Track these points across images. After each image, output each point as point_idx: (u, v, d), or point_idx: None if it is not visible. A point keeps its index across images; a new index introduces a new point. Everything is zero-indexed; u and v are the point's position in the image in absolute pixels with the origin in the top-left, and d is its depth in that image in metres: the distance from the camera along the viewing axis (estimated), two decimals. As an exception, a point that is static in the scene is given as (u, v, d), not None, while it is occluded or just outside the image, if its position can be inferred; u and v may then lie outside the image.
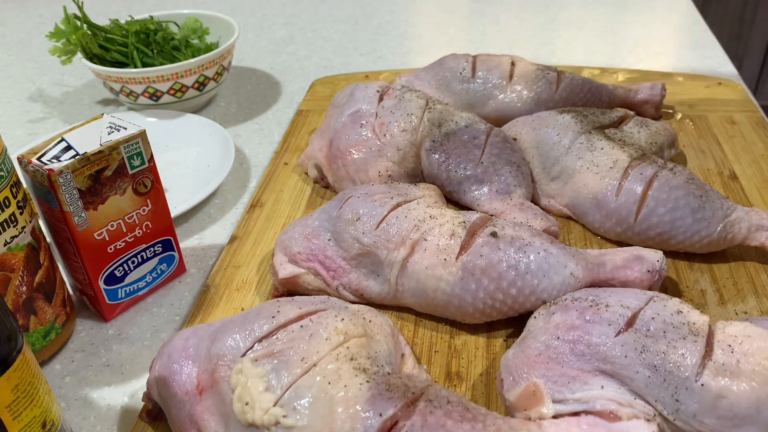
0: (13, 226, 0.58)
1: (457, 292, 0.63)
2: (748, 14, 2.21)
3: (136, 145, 0.65)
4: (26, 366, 0.47)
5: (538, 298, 0.62)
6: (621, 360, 0.51)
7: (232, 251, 0.77)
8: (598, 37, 1.26)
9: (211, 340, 0.55)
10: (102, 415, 0.61)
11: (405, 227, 0.65)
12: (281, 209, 0.83)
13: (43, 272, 0.63)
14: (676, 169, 0.73)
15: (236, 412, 0.50)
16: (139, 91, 0.99)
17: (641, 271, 0.62)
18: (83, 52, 1.02)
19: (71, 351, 0.68)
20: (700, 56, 1.17)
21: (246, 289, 0.72)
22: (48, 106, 1.13)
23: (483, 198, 0.77)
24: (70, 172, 0.60)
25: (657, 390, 0.51)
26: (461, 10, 1.41)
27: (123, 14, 1.16)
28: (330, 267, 0.68)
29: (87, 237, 0.64)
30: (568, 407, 0.52)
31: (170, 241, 0.72)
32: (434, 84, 0.94)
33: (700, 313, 0.54)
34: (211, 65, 1.00)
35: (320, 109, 1.04)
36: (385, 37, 1.32)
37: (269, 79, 1.19)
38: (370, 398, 0.49)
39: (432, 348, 0.64)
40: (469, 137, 0.79)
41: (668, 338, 0.51)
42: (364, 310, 0.59)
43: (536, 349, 0.54)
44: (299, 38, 1.33)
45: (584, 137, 0.78)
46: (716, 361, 0.50)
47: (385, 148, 0.80)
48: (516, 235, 0.64)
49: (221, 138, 0.94)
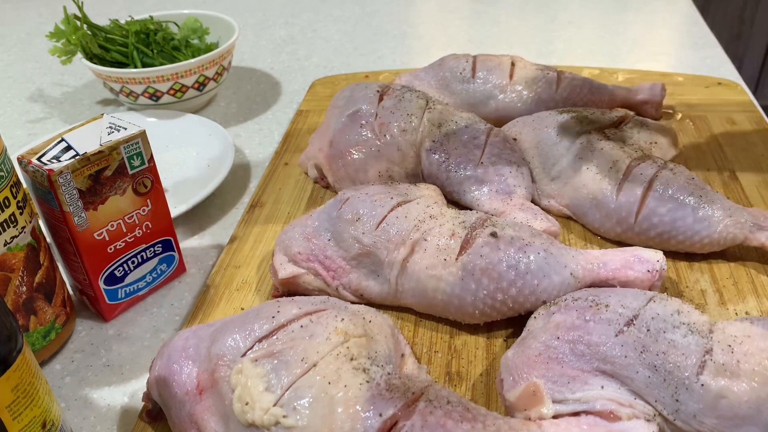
0: (13, 226, 0.58)
1: (457, 292, 0.63)
2: (748, 14, 2.21)
3: (136, 145, 0.65)
4: (26, 366, 0.47)
5: (538, 299, 0.62)
6: (621, 360, 0.51)
7: (232, 251, 0.77)
8: (598, 37, 1.26)
9: (211, 340, 0.55)
10: (102, 415, 0.61)
11: (405, 227, 0.65)
12: (281, 209, 0.83)
13: (43, 272, 0.63)
14: (677, 169, 0.73)
15: (236, 412, 0.50)
16: (139, 91, 0.99)
17: (641, 271, 0.62)
18: (83, 52, 1.02)
19: (71, 351, 0.68)
20: (700, 56, 1.17)
21: (246, 289, 0.72)
22: (48, 106, 1.13)
23: (483, 198, 0.77)
24: (70, 172, 0.60)
25: (657, 390, 0.51)
26: (461, 10, 1.41)
27: (123, 14, 1.16)
28: (330, 267, 0.68)
29: (87, 237, 0.64)
30: (568, 407, 0.52)
31: (170, 241, 0.73)
32: (434, 84, 0.94)
33: (700, 313, 0.54)
34: (211, 65, 1.00)
35: (320, 109, 1.03)
36: (385, 37, 1.32)
37: (269, 79, 1.19)
38: (370, 398, 0.49)
39: (432, 348, 0.64)
40: (469, 137, 0.79)
41: (668, 338, 0.51)
42: (364, 310, 0.59)
43: (536, 349, 0.54)
44: (299, 38, 1.33)
45: (584, 137, 0.78)
46: (716, 361, 0.50)
47: (385, 149, 0.80)
48: (516, 236, 0.64)
49: (221, 138, 0.94)
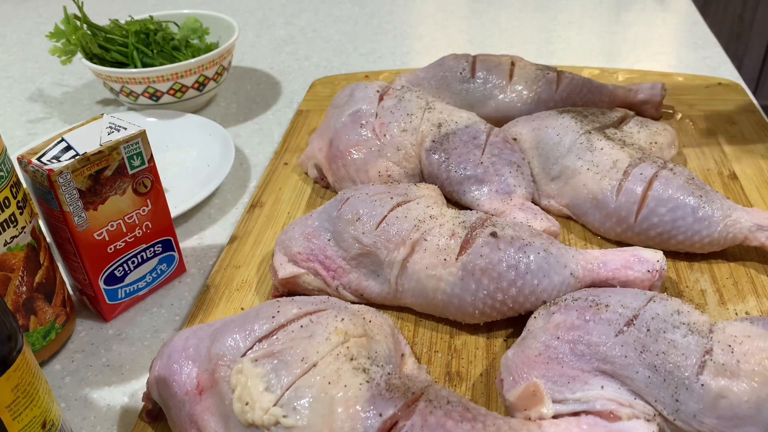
0: (13, 226, 0.58)
1: (457, 292, 0.63)
2: (748, 14, 2.21)
3: (136, 145, 0.65)
4: (26, 366, 0.47)
5: (538, 298, 0.62)
6: (621, 360, 0.51)
7: (232, 251, 0.77)
8: (598, 37, 1.26)
9: (211, 340, 0.55)
10: (102, 415, 0.61)
11: (405, 227, 0.65)
12: (281, 209, 0.83)
13: (43, 272, 0.63)
14: (676, 169, 0.73)
15: (236, 412, 0.50)
16: (139, 91, 0.99)
17: (641, 271, 0.62)
18: (83, 52, 1.02)
19: (71, 351, 0.68)
20: (700, 56, 1.17)
21: (246, 289, 0.72)
22: (48, 106, 1.13)
23: (483, 198, 0.77)
24: (70, 172, 0.60)
25: (657, 390, 0.51)
26: (461, 10, 1.41)
27: (123, 14, 1.16)
28: (330, 267, 0.68)
29: (87, 237, 0.64)
30: (568, 407, 0.52)
31: (170, 241, 0.72)
32: (434, 84, 0.94)
33: (700, 313, 0.54)
34: (211, 65, 1.00)
35: (320, 109, 1.03)
36: (385, 37, 1.32)
37: (269, 79, 1.19)
38: (370, 398, 0.49)
39: (432, 348, 0.64)
40: (469, 137, 0.79)
41: (668, 338, 0.51)
42: (364, 310, 0.59)
43: (536, 349, 0.54)
44: (299, 38, 1.33)
45: (584, 137, 0.78)
46: (716, 361, 0.50)
47: (385, 148, 0.80)
48: (516, 235, 0.64)
49: (221, 138, 0.94)
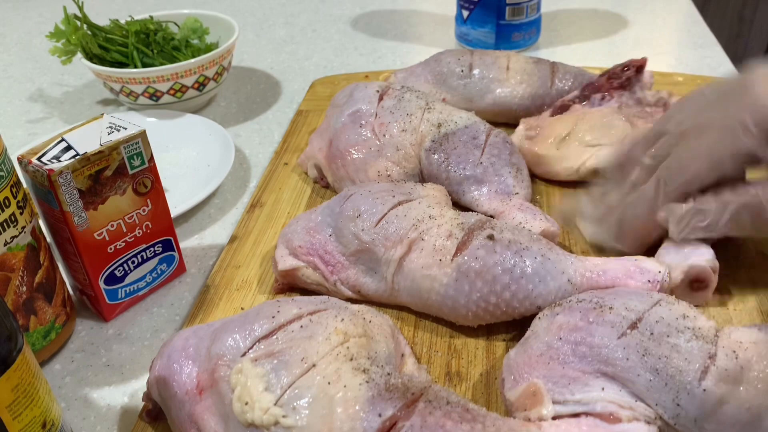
0: (13, 226, 0.58)
1: (450, 293, 0.62)
2: (748, 14, 2.21)
3: (136, 145, 0.65)
4: (26, 366, 0.47)
5: (533, 303, 0.62)
6: (622, 362, 0.51)
7: (232, 251, 0.77)
8: (598, 37, 1.26)
9: (211, 340, 0.55)
10: (102, 415, 0.61)
11: (404, 226, 0.65)
12: (281, 209, 0.83)
13: (43, 272, 0.63)
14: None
15: (236, 412, 0.50)
16: (139, 91, 0.99)
17: (642, 281, 0.61)
18: (83, 52, 1.02)
19: (71, 351, 0.68)
20: (700, 56, 1.17)
21: (246, 289, 0.72)
22: (48, 106, 1.13)
23: (482, 198, 0.77)
24: (70, 172, 0.60)
25: (658, 394, 0.50)
26: (461, 10, 1.41)
27: (123, 14, 1.16)
28: (329, 262, 0.68)
29: (87, 237, 0.64)
30: (568, 408, 0.52)
31: (170, 241, 0.72)
32: (431, 79, 0.94)
33: (706, 318, 0.54)
34: (211, 65, 1.00)
35: (320, 109, 1.03)
36: (385, 37, 1.32)
37: (269, 79, 1.19)
38: (370, 398, 0.49)
39: (432, 348, 0.64)
40: (469, 137, 0.79)
41: (671, 342, 0.51)
42: (364, 310, 0.59)
43: (538, 350, 0.54)
44: (299, 38, 1.33)
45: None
46: (719, 367, 0.49)
47: (384, 148, 0.80)
48: (514, 239, 0.63)
49: (221, 138, 0.94)
